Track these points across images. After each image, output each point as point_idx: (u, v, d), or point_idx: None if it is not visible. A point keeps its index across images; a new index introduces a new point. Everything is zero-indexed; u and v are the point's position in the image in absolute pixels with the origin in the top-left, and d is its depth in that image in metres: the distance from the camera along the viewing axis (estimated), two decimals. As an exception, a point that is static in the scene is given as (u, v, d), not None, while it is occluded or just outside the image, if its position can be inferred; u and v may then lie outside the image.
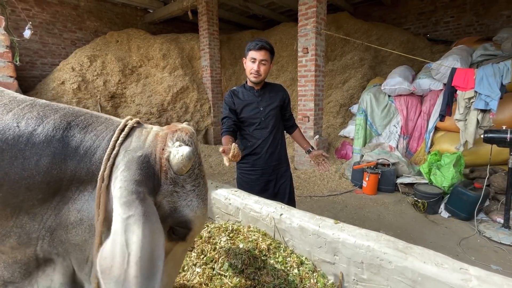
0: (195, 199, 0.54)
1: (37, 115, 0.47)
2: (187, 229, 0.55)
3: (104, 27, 6.41)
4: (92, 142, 0.49)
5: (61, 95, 4.80)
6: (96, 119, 0.53)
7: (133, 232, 0.41)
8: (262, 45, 1.50)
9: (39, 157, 0.44)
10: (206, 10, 5.58)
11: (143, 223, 0.42)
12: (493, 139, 2.42)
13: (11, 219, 0.44)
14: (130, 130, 0.53)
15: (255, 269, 0.93)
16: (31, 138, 0.44)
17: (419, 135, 3.94)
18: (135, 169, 0.47)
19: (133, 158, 0.48)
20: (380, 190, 3.53)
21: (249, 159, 1.66)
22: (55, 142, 0.46)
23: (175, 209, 0.52)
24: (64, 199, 0.47)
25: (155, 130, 0.57)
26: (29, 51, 5.38)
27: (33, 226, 0.46)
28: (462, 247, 2.31)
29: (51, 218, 0.47)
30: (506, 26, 5.28)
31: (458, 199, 2.76)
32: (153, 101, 5.42)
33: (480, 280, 0.67)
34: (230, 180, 4.08)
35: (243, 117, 1.63)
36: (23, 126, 0.45)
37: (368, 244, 0.83)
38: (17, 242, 0.46)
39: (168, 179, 0.51)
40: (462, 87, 3.08)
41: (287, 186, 1.74)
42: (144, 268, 0.40)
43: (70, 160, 0.47)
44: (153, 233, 0.43)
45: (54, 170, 0.45)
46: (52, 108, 0.50)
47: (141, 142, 0.52)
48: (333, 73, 5.60)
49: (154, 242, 0.42)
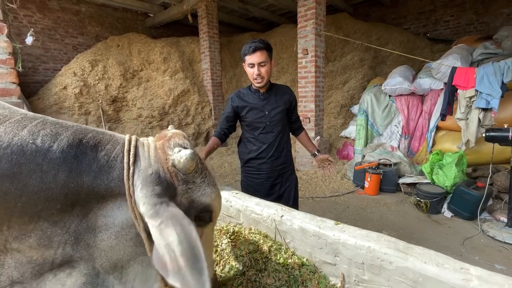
0: (207, 188, 0.64)
1: (50, 132, 0.51)
2: (209, 212, 0.66)
3: (105, 32, 6.47)
4: (105, 162, 0.55)
5: (63, 100, 4.84)
6: (103, 137, 0.58)
7: (168, 234, 0.49)
8: (256, 46, 1.42)
9: (56, 171, 0.49)
10: (206, 13, 5.62)
11: (173, 224, 0.50)
12: (495, 137, 2.41)
13: (30, 224, 0.48)
14: (135, 149, 0.59)
15: (256, 271, 0.93)
16: (48, 154, 0.49)
17: (420, 135, 3.93)
18: (151, 185, 0.54)
19: (146, 177, 0.55)
20: (382, 191, 3.52)
21: (254, 163, 1.63)
22: (70, 158, 0.51)
23: (193, 201, 0.61)
24: (86, 207, 0.52)
25: (152, 144, 0.63)
26: (32, 57, 5.44)
27: (55, 231, 0.49)
28: (466, 247, 2.29)
29: (75, 223, 0.51)
30: (506, 24, 5.27)
31: (461, 199, 2.74)
32: (154, 105, 5.45)
33: (481, 280, 0.67)
34: (231, 182, 4.08)
35: (247, 120, 1.59)
36: (39, 143, 0.49)
37: (369, 245, 0.83)
38: (37, 243, 0.49)
39: (180, 180, 0.59)
40: (463, 86, 3.08)
41: (292, 189, 1.71)
42: (189, 256, 0.48)
43: (86, 175, 0.52)
44: (183, 227, 0.51)
45: (71, 184, 0.50)
46: (63, 126, 0.54)
47: (147, 160, 0.58)
48: (333, 74, 5.61)
49: (188, 234, 0.50)
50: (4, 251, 0.48)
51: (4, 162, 0.45)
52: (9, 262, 0.49)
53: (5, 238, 0.47)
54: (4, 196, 0.45)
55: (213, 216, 0.68)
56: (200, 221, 0.64)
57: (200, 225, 0.65)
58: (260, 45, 1.43)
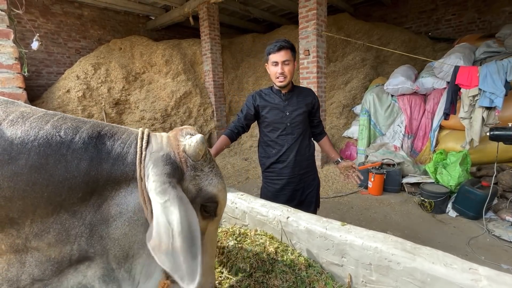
0: (214, 178, 0.65)
1: (71, 126, 0.55)
2: (215, 203, 0.66)
3: (107, 35, 6.51)
4: (122, 149, 0.58)
5: (66, 103, 4.87)
6: (118, 129, 0.62)
7: (171, 212, 0.50)
8: (280, 45, 1.42)
9: (79, 161, 0.52)
10: (207, 15, 5.64)
11: (178, 204, 0.51)
12: (499, 136, 2.40)
13: (51, 215, 0.50)
14: (148, 137, 0.62)
15: (263, 273, 0.94)
16: (71, 145, 0.52)
17: (423, 134, 3.92)
18: (162, 165, 0.56)
19: (158, 157, 0.57)
20: (386, 191, 3.51)
21: (274, 167, 1.58)
22: (91, 148, 0.54)
23: (200, 189, 0.63)
24: (102, 197, 0.55)
25: (166, 134, 0.67)
26: (35, 61, 5.49)
27: (72, 223, 0.52)
28: (472, 246, 2.28)
29: (91, 215, 0.54)
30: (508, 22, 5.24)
31: (466, 198, 2.73)
32: (156, 107, 5.47)
33: (490, 280, 0.67)
34: (234, 184, 4.09)
35: (267, 120, 1.55)
36: (63, 135, 0.52)
37: (376, 246, 0.84)
38: (55, 239, 0.51)
39: (188, 166, 0.61)
40: (466, 85, 3.07)
41: (314, 195, 1.65)
42: (186, 238, 0.49)
43: (105, 163, 0.55)
44: (187, 210, 0.52)
45: (92, 172, 0.53)
46: (81, 120, 0.58)
47: (160, 144, 0.61)
48: (335, 74, 5.61)
49: (189, 216, 0.51)
50: (25, 250, 0.50)
51: (32, 154, 0.48)
52: (30, 260, 0.51)
53: (25, 237, 0.49)
54: (32, 187, 0.47)
55: (218, 209, 0.68)
56: (205, 212, 0.65)
57: (205, 217, 0.66)
58: (285, 44, 1.43)
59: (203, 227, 0.64)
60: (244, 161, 5.13)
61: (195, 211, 0.60)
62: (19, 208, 0.47)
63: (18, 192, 0.47)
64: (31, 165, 0.47)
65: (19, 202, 0.47)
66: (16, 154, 0.47)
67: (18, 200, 0.47)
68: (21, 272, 0.50)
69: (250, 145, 5.79)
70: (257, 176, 4.29)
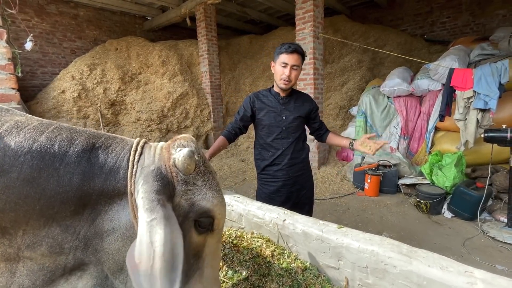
0: (208, 191, 0.62)
1: (66, 138, 0.54)
2: (210, 218, 0.63)
3: (103, 36, 6.47)
4: (114, 163, 0.56)
5: (61, 104, 4.83)
6: (114, 140, 0.61)
7: (156, 232, 0.47)
8: (295, 48, 1.40)
9: (71, 175, 0.51)
10: (204, 16, 5.63)
11: (165, 224, 0.48)
12: (494, 138, 2.42)
13: (43, 228, 0.49)
14: (142, 149, 0.61)
15: (259, 276, 0.93)
16: (65, 158, 0.51)
17: (419, 136, 3.95)
18: (152, 181, 0.54)
19: (148, 173, 0.55)
20: (382, 192, 3.53)
21: (269, 170, 1.59)
22: (84, 162, 0.53)
23: (193, 204, 0.59)
24: (95, 211, 0.54)
25: (161, 145, 0.65)
26: (30, 61, 5.43)
27: (65, 237, 0.51)
28: (467, 247, 2.29)
29: (85, 229, 0.53)
30: (502, 25, 5.32)
31: (461, 199, 2.75)
32: (153, 108, 5.44)
33: (485, 283, 0.67)
34: (231, 185, 4.08)
35: (263, 123, 1.55)
36: (57, 147, 0.51)
37: (372, 249, 0.83)
38: (49, 251, 0.50)
39: (179, 181, 0.58)
40: (461, 87, 3.10)
41: (308, 196, 1.67)
42: (167, 261, 0.46)
43: (97, 178, 0.53)
44: (173, 232, 0.49)
45: (84, 187, 0.52)
46: (77, 131, 0.57)
47: (152, 158, 0.59)
48: (332, 76, 5.63)
49: (174, 240, 0.49)
50: (17, 259, 0.50)
51: (25, 167, 0.47)
52: (21, 270, 0.50)
53: (18, 247, 0.49)
54: (24, 200, 0.47)
55: (215, 225, 0.65)
56: (200, 227, 0.62)
57: (201, 233, 0.63)
58: (299, 49, 1.43)
59: (199, 242, 0.63)
60: (241, 162, 5.12)
61: (188, 227, 0.59)
62: (12, 219, 0.47)
63: (10, 204, 0.46)
64: (23, 178, 0.47)
65: (11, 213, 0.47)
66: (8, 167, 0.46)
67: (10, 212, 0.46)
68: (10, 282, 0.50)
69: (247, 146, 5.78)
70: (254, 177, 4.28)
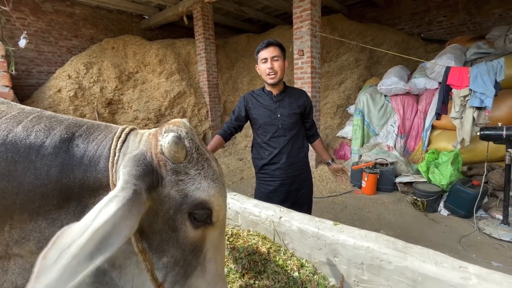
0: (204, 181, 0.55)
1: (44, 127, 0.50)
2: (206, 210, 0.57)
3: (100, 34, 6.42)
4: (95, 152, 0.52)
5: (57, 103, 4.79)
6: (97, 128, 0.56)
7: (107, 208, 0.40)
8: (268, 41, 1.44)
9: (49, 167, 0.47)
10: (202, 15, 5.61)
11: (123, 205, 0.41)
12: (490, 136, 2.44)
13: (29, 222, 0.47)
14: (126, 136, 0.56)
15: (255, 273, 0.93)
16: (41, 150, 0.47)
17: (416, 134, 3.96)
18: (131, 165, 0.49)
19: (129, 158, 0.51)
20: (379, 190, 3.54)
21: (267, 169, 1.58)
22: (62, 153, 0.49)
23: (186, 195, 0.54)
24: (81, 204, 0.50)
25: (149, 131, 0.59)
26: (25, 60, 5.37)
27: (53, 231, 0.48)
28: (463, 244, 2.31)
29: (73, 222, 0.49)
30: (498, 24, 5.34)
31: (457, 197, 2.77)
32: (150, 107, 5.42)
33: (479, 278, 0.67)
34: (229, 184, 4.07)
35: (259, 123, 1.55)
36: (33, 138, 0.48)
37: (368, 245, 0.84)
38: (36, 247, 0.48)
39: (169, 170, 0.52)
40: (457, 86, 3.11)
41: (307, 195, 1.67)
42: (94, 242, 0.37)
43: (77, 169, 0.50)
44: (124, 218, 0.41)
45: (64, 179, 0.48)
46: (58, 120, 0.53)
47: (136, 144, 0.55)
48: (329, 75, 5.64)
49: (119, 226, 0.40)
50: (7, 257, 0.48)
51: (0, 161, 0.44)
52: (13, 268, 0.48)
53: (6, 243, 0.47)
54: (2, 195, 0.45)
55: (213, 216, 0.59)
56: (196, 221, 0.56)
57: (198, 227, 0.57)
58: (273, 41, 1.45)
59: (197, 236, 0.58)
60: (239, 161, 5.11)
61: (182, 220, 0.54)
62: None
63: None
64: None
65: None
66: None
67: None
68: (3, 280, 0.48)
69: (245, 145, 5.77)
70: (251, 176, 4.28)
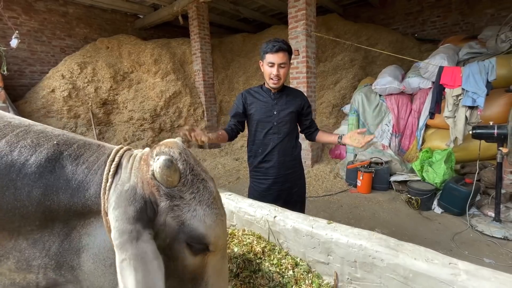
0: (199, 207, 0.51)
1: (30, 143, 0.46)
2: (203, 245, 0.52)
3: (94, 34, 6.36)
4: (85, 176, 0.49)
5: (51, 103, 4.74)
6: (89, 148, 0.52)
7: (127, 276, 0.42)
8: (279, 46, 1.40)
9: (30, 188, 0.44)
10: (197, 14, 5.59)
11: (135, 266, 0.42)
12: (481, 134, 2.48)
13: (10, 240, 0.44)
14: (120, 159, 0.52)
15: (250, 273, 0.93)
16: (23, 168, 0.44)
17: (410, 133, 4.01)
18: (124, 206, 0.46)
19: (121, 194, 0.47)
20: (374, 189, 3.57)
21: (261, 167, 1.59)
22: (47, 173, 0.45)
23: (183, 222, 0.50)
24: (68, 226, 0.47)
25: (140, 154, 0.55)
26: (17, 60, 5.30)
27: (33, 253, 0.45)
28: (456, 242, 2.34)
29: (56, 244, 0.46)
30: (490, 24, 5.42)
31: (450, 195, 2.81)
32: (145, 107, 5.39)
33: (469, 274, 0.68)
34: (225, 184, 4.07)
35: (255, 118, 1.55)
36: (16, 155, 0.44)
37: (361, 243, 0.85)
38: (15, 266, 0.45)
39: (162, 195, 0.49)
40: (450, 85, 3.15)
41: (300, 194, 1.68)
42: None
43: (63, 193, 0.46)
44: (148, 272, 0.43)
45: (47, 202, 0.45)
46: (47, 136, 0.49)
47: (128, 173, 0.51)
48: (325, 74, 5.66)
49: (150, 281, 0.42)
50: None
51: None
52: None
53: None
54: None
55: (212, 247, 0.54)
56: (195, 249, 0.53)
57: (197, 254, 0.53)
58: (284, 46, 1.41)
59: (196, 264, 0.54)
60: (235, 161, 5.11)
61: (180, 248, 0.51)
62: None
63: None
64: None
65: None
66: None
67: None
68: None
69: (241, 145, 5.77)
70: (247, 176, 4.27)
